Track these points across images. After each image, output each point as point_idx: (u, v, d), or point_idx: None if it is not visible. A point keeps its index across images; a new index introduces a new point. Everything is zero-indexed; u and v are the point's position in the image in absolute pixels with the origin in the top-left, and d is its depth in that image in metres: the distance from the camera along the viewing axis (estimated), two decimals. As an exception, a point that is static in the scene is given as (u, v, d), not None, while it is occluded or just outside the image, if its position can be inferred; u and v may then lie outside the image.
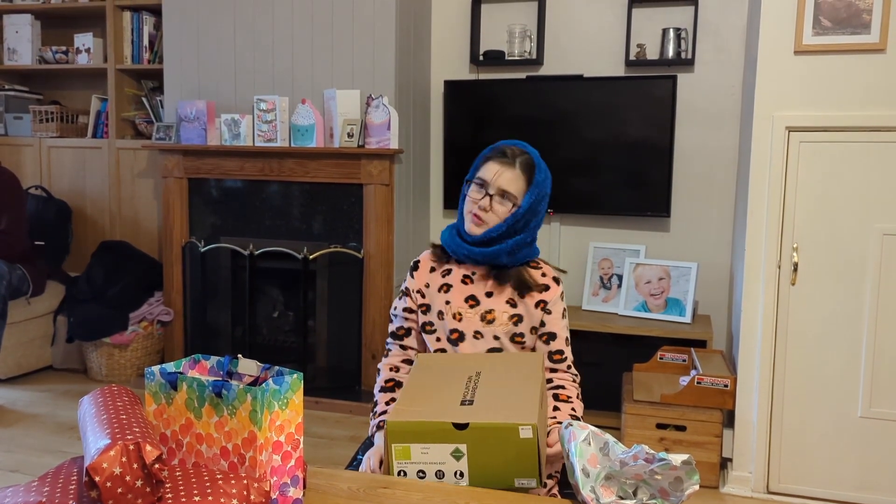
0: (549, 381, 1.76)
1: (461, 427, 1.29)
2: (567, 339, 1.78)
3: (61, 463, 1.12)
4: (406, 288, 1.86)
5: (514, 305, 1.74)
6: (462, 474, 1.30)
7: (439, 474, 1.31)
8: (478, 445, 1.29)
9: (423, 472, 1.31)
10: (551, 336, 1.76)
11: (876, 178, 2.55)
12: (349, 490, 1.29)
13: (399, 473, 1.32)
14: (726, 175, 3.53)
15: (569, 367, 1.78)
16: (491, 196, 1.71)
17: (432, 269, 1.83)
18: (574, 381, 1.77)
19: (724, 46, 3.48)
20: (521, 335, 1.74)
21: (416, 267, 1.87)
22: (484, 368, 1.51)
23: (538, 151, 1.82)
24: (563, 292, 1.80)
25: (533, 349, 1.77)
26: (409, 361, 1.83)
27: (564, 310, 1.79)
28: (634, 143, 3.49)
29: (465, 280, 1.78)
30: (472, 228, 1.74)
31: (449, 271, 1.80)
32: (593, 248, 3.66)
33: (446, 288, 1.78)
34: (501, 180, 1.71)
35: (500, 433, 1.27)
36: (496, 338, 1.73)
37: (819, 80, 2.58)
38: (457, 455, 1.30)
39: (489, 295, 1.75)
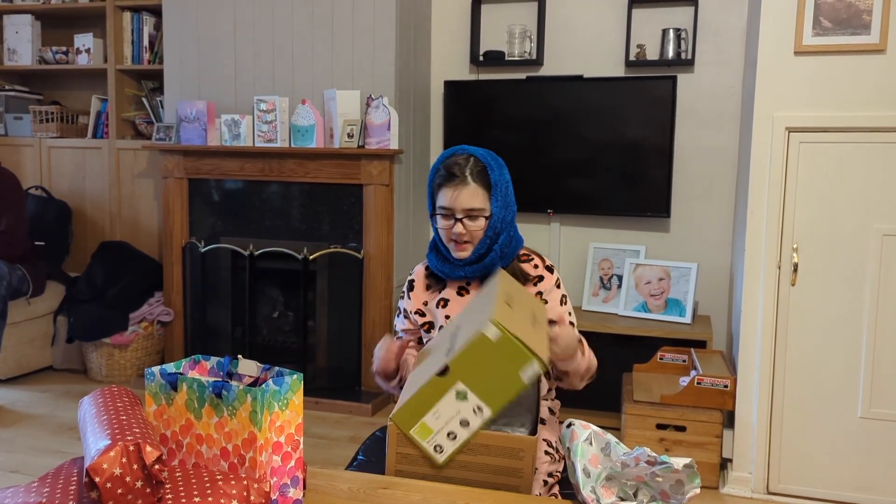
0: None
1: (444, 372, 1.29)
2: (571, 323, 1.75)
3: (61, 463, 1.12)
4: (404, 309, 1.84)
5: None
6: (479, 408, 1.30)
7: (464, 423, 1.30)
8: (468, 375, 1.28)
9: (451, 433, 1.31)
10: (551, 323, 1.76)
11: (876, 178, 2.55)
12: (349, 490, 1.29)
13: (436, 449, 1.31)
14: (726, 176, 3.53)
15: None
16: (460, 219, 1.68)
17: (428, 287, 1.81)
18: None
19: (724, 47, 3.48)
20: None
21: (411, 287, 1.84)
22: (462, 320, 1.52)
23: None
24: (558, 278, 1.78)
25: None
26: None
27: (564, 296, 1.77)
28: (634, 144, 3.49)
29: (461, 292, 1.77)
30: (458, 254, 1.72)
31: (444, 286, 1.79)
32: (593, 248, 3.66)
33: (443, 302, 1.77)
34: (462, 201, 1.67)
35: (475, 350, 1.27)
36: None
37: (819, 81, 2.58)
38: (462, 396, 1.29)
39: None
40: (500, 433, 1.33)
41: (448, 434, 1.31)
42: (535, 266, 1.77)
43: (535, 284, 1.75)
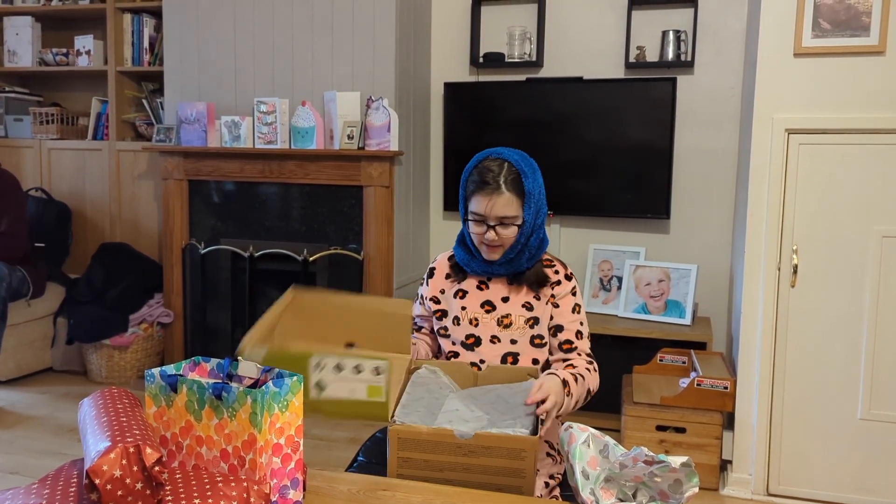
0: (565, 360, 1.75)
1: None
2: (579, 332, 1.76)
3: (61, 465, 1.12)
4: (421, 295, 1.88)
5: (530, 308, 1.75)
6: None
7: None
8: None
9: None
10: (558, 328, 1.76)
11: (875, 180, 2.55)
12: (349, 492, 1.29)
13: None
14: (726, 177, 3.53)
15: (579, 354, 1.75)
16: (493, 227, 1.70)
17: (447, 276, 1.84)
18: (588, 365, 1.72)
19: (724, 48, 3.48)
20: (540, 336, 1.75)
21: (431, 274, 1.86)
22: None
23: (527, 152, 1.79)
24: (575, 287, 1.79)
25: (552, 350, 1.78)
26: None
27: (577, 305, 1.78)
28: (634, 145, 3.49)
29: (481, 286, 1.79)
30: (490, 256, 1.75)
31: (464, 277, 1.82)
32: (593, 249, 3.66)
33: (462, 294, 1.79)
34: (497, 210, 1.68)
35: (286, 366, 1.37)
36: (513, 342, 1.73)
37: (818, 83, 2.59)
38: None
39: (505, 300, 1.77)
40: (501, 434, 1.33)
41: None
42: (556, 272, 1.79)
43: (552, 289, 1.77)
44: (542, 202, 1.75)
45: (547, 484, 1.66)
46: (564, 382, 1.57)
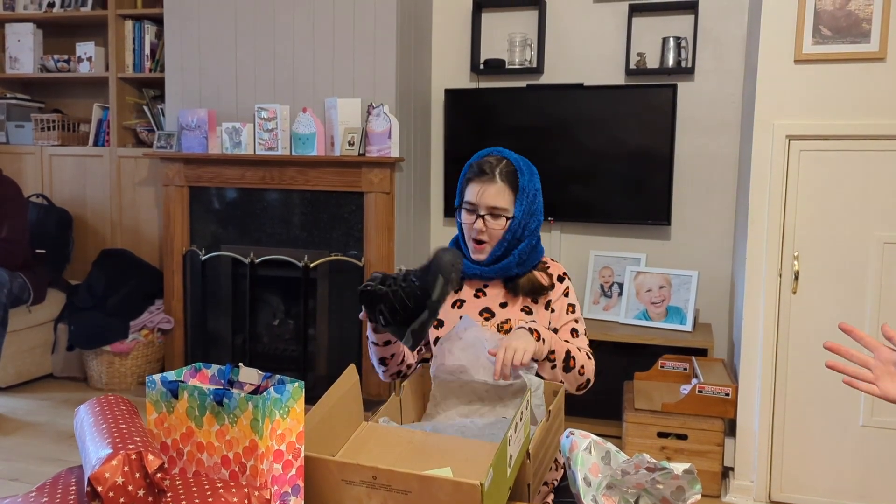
0: None
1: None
2: (574, 330, 1.75)
3: (58, 473, 1.11)
4: None
5: (529, 312, 1.75)
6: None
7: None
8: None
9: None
10: (554, 332, 1.75)
11: (876, 186, 2.55)
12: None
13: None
14: (727, 183, 3.53)
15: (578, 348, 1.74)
16: (482, 216, 1.70)
17: None
18: (588, 355, 1.73)
19: (724, 55, 3.48)
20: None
21: None
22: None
23: (528, 158, 1.79)
24: (567, 287, 1.79)
25: None
26: None
27: (571, 305, 1.78)
28: (635, 152, 3.49)
29: (478, 294, 1.78)
30: (476, 256, 1.74)
31: (461, 286, 1.80)
32: (594, 256, 3.66)
33: (459, 303, 1.78)
34: (487, 198, 1.70)
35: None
36: None
37: (819, 89, 2.59)
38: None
39: (503, 305, 1.75)
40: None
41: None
42: (550, 275, 1.79)
43: (547, 294, 1.76)
44: (537, 207, 1.74)
45: (540, 490, 1.65)
46: (531, 331, 1.58)
